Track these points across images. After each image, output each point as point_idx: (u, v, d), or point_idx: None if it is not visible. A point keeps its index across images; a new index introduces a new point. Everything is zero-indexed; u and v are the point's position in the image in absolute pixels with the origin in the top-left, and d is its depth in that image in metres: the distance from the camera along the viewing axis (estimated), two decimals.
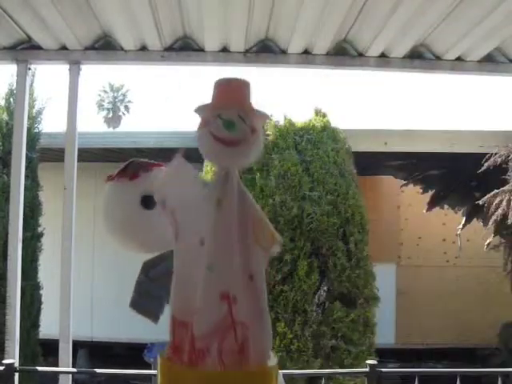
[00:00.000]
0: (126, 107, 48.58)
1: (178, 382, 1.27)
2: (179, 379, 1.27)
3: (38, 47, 3.35)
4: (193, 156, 1.55)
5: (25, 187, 3.56)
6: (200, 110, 1.34)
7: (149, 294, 1.63)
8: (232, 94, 1.32)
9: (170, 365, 1.29)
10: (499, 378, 3.09)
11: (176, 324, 1.27)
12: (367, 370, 3.03)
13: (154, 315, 1.63)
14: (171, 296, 1.32)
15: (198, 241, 1.27)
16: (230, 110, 1.29)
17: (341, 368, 4.50)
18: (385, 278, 6.42)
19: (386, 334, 7.19)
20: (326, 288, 4.80)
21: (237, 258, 1.24)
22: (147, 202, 1.63)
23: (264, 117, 1.41)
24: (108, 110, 48.26)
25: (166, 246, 1.52)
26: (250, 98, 1.35)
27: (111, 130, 34.27)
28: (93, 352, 8.47)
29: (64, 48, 3.36)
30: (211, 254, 1.24)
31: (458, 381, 3.03)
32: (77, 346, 3.47)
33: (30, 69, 3.41)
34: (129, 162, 1.70)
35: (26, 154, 3.58)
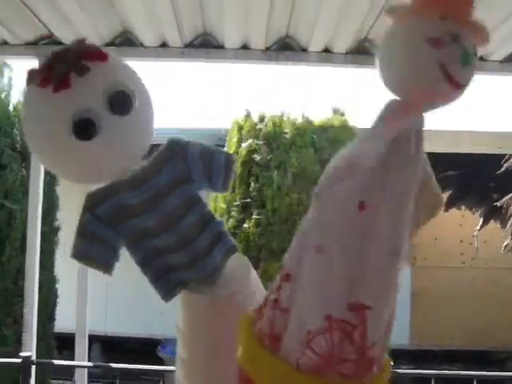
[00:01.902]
0: None
1: None
2: None
3: (59, 43, 3.37)
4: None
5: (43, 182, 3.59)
6: (417, 20, 0.87)
7: (96, 236, 1.23)
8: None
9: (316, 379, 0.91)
10: None
11: (334, 325, 0.88)
12: None
13: (105, 263, 1.28)
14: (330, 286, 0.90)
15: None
16: (459, 24, 0.86)
17: None
18: (400, 278, 6.39)
19: (400, 335, 7.16)
20: None
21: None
22: (81, 128, 1.14)
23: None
24: None
25: (115, 176, 1.22)
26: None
27: None
28: (106, 347, 8.53)
29: None
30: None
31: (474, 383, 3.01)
32: (91, 340, 3.49)
33: None
34: (55, 56, 1.19)
35: None
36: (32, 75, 1.19)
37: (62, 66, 1.13)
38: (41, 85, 1.14)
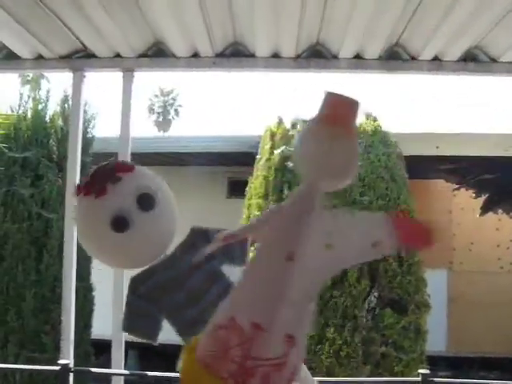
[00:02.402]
0: (176, 111, 49.20)
1: None
2: None
3: (93, 55, 3.43)
4: (245, 160, 1.58)
5: None
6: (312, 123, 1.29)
7: (140, 312, 1.53)
8: (342, 111, 1.24)
9: (206, 377, 1.16)
10: None
11: (230, 325, 1.14)
12: (419, 379, 2.97)
13: (150, 335, 1.54)
14: (240, 297, 1.19)
15: (285, 256, 1.16)
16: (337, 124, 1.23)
17: (391, 376, 4.44)
18: (436, 283, 6.31)
19: (436, 342, 7.05)
20: (376, 294, 4.75)
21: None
22: (118, 224, 1.47)
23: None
24: (158, 113, 48.98)
25: (153, 259, 1.49)
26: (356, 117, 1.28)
27: (162, 133, 34.80)
28: (143, 353, 8.59)
29: (118, 56, 3.43)
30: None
31: None
32: (127, 347, 3.52)
33: (85, 77, 3.49)
34: (94, 172, 1.58)
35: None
36: (79, 188, 1.55)
37: (100, 178, 1.50)
38: (85, 194, 1.51)
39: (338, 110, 1.22)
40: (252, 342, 1.10)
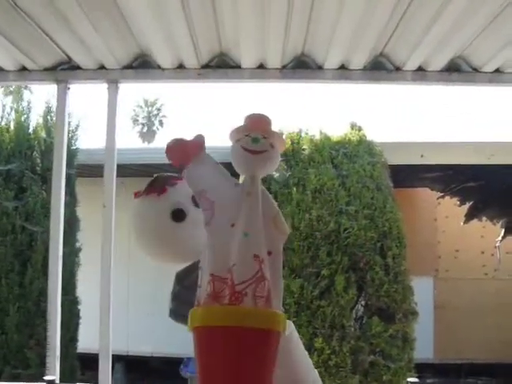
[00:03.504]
0: (161, 122, 49.11)
1: (220, 317, 1.57)
2: (221, 315, 1.57)
3: (78, 67, 3.41)
4: (232, 171, 1.78)
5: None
6: (234, 131, 1.77)
7: (186, 302, 1.73)
8: (258, 123, 1.78)
9: (210, 307, 1.57)
10: None
11: (214, 279, 1.59)
12: None
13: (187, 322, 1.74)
14: (209, 260, 1.62)
15: (230, 224, 1.64)
16: (255, 131, 1.74)
17: None
18: (422, 291, 6.33)
19: (423, 349, 7.06)
20: (363, 303, 4.76)
21: (262, 233, 1.63)
22: (177, 214, 1.79)
23: (281, 138, 1.86)
24: (143, 124, 48.86)
25: (197, 256, 1.72)
26: (271, 126, 1.81)
27: (146, 144, 34.70)
28: (129, 366, 8.52)
29: (102, 67, 3.41)
30: (246, 225, 1.62)
31: None
32: (113, 359, 3.49)
33: (69, 88, 3.47)
34: (155, 178, 1.91)
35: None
36: (138, 193, 1.87)
37: (160, 182, 1.86)
38: (148, 194, 1.84)
39: (257, 122, 1.79)
40: (232, 276, 1.55)
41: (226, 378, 1.55)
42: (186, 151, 1.78)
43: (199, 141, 1.82)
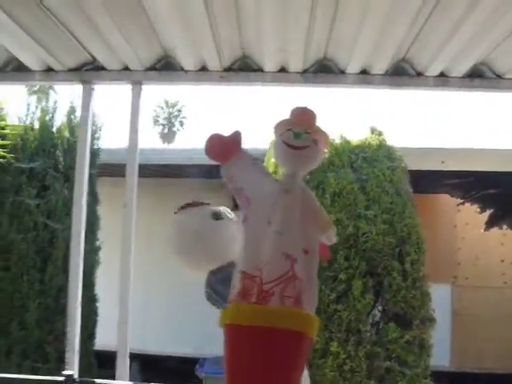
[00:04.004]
0: (181, 123, 49.28)
1: (248, 316, 1.57)
2: (247, 314, 1.58)
3: (102, 68, 3.46)
4: None
5: None
6: (277, 125, 1.77)
7: (218, 291, 1.88)
8: (302, 117, 1.76)
9: (239, 305, 1.59)
10: None
11: (245, 277, 1.60)
12: None
13: (222, 306, 1.82)
14: (242, 257, 1.65)
15: (267, 221, 1.63)
16: (299, 126, 1.72)
17: None
18: (440, 298, 6.28)
19: (440, 357, 7.01)
20: (380, 308, 4.74)
21: (298, 232, 1.62)
22: (217, 214, 1.90)
23: (325, 135, 1.81)
24: (163, 125, 49.07)
25: (231, 256, 1.76)
26: (315, 121, 1.79)
27: (166, 145, 34.85)
28: (145, 365, 8.57)
29: (127, 69, 3.46)
30: (280, 223, 1.61)
31: None
32: (130, 358, 3.53)
33: (94, 89, 3.52)
34: (191, 201, 2.01)
35: None
36: (182, 206, 1.95)
37: (197, 202, 1.94)
38: (187, 208, 1.92)
39: (301, 116, 1.78)
40: (261, 274, 1.55)
41: (250, 378, 1.55)
42: (225, 148, 1.78)
43: (237, 137, 1.80)
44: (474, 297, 8.42)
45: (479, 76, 3.37)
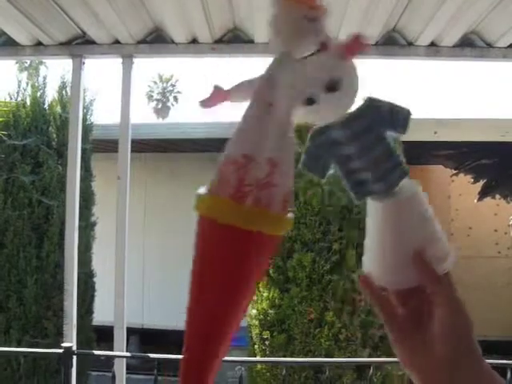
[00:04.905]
0: (175, 98, 49.09)
1: None
2: None
3: (92, 42, 3.45)
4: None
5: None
6: None
7: (315, 157, 1.80)
8: None
9: None
10: None
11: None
12: None
13: (321, 174, 1.78)
14: None
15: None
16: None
17: (389, 358, 4.50)
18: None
19: None
20: None
21: None
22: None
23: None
24: (157, 100, 48.88)
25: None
26: None
27: (160, 120, 34.73)
28: (143, 339, 8.67)
29: (117, 42, 3.45)
30: None
31: (508, 374, 2.99)
32: (128, 332, 3.57)
33: (84, 63, 3.51)
34: None
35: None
36: None
37: None
38: None
39: None
40: (245, 169, 1.17)
41: None
42: None
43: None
44: (467, 267, 8.51)
45: (469, 45, 3.37)
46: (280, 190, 1.24)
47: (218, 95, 1.10)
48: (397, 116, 1.41)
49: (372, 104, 1.38)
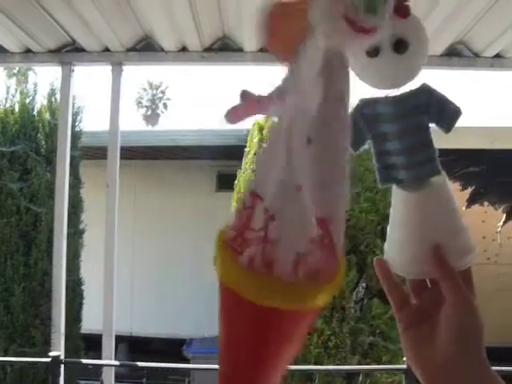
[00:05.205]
0: (165, 105, 49.04)
1: None
2: None
3: (82, 49, 3.45)
4: (234, 153, 1.54)
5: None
6: None
7: (356, 129, 1.78)
8: None
9: None
10: None
11: None
12: (405, 367, 3.03)
13: (355, 147, 1.68)
14: None
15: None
16: None
17: (379, 365, 4.50)
18: None
19: None
20: (364, 285, 4.80)
21: None
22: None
23: None
24: (147, 107, 48.80)
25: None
26: None
27: (150, 127, 34.68)
28: (132, 347, 8.63)
29: (107, 50, 3.45)
30: None
31: None
32: (117, 340, 3.55)
33: (73, 70, 3.51)
34: None
35: None
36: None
37: None
38: None
39: None
40: (251, 211, 0.85)
41: None
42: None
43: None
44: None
45: (457, 55, 3.40)
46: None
47: (249, 106, 0.79)
48: (444, 111, 1.26)
49: (425, 89, 1.23)
